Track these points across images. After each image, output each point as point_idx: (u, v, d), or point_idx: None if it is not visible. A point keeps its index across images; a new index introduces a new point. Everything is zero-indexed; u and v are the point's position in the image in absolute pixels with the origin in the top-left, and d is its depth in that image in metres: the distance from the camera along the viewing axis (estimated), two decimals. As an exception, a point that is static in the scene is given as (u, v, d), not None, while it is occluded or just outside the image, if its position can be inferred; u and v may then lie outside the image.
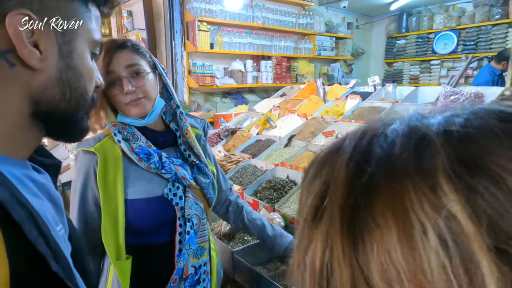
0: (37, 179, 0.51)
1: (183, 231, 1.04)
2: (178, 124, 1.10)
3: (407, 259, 0.21)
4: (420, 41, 5.65)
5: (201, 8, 4.06)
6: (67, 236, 0.57)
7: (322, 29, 5.36)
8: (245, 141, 2.77)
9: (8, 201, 0.39)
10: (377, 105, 2.62)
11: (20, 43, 0.41)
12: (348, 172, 0.26)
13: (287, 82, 5.00)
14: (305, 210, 0.30)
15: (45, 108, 0.46)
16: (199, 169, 1.12)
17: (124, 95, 0.97)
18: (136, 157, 0.99)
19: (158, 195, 1.02)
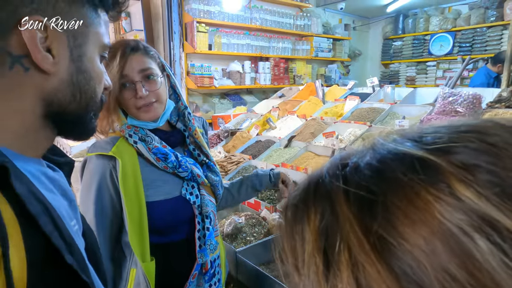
0: (51, 176, 0.52)
1: (201, 228, 1.06)
2: (186, 125, 1.11)
3: (464, 268, 0.21)
4: (416, 43, 5.70)
5: (200, 10, 4.07)
6: (81, 232, 0.58)
7: (319, 31, 5.39)
8: (245, 142, 2.78)
9: (25, 196, 0.40)
10: (376, 106, 2.65)
11: (35, 49, 0.42)
12: (351, 204, 0.26)
13: (285, 83, 5.02)
14: (305, 255, 0.28)
15: (56, 109, 0.48)
16: (208, 167, 1.14)
17: (136, 99, 0.97)
18: (154, 157, 0.99)
19: (176, 196, 1.03)
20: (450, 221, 0.22)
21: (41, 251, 0.41)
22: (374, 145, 0.29)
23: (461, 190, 0.22)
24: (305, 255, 0.28)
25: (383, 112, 2.51)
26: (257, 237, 1.76)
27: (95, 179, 0.97)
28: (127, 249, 1.02)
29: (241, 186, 1.30)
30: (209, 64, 4.29)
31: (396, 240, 0.23)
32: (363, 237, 0.24)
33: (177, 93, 1.12)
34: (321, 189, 0.29)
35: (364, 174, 0.27)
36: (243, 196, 1.33)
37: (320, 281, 0.26)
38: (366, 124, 2.41)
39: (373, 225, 0.24)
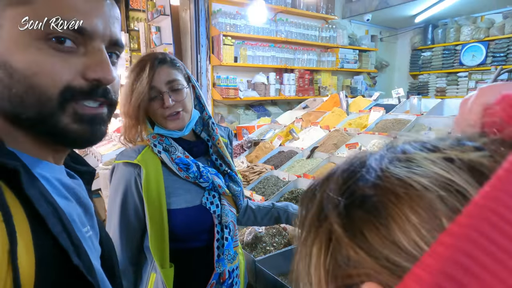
0: (67, 183, 0.55)
1: (220, 237, 1.08)
2: (210, 135, 1.15)
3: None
4: (446, 53, 5.54)
5: (226, 23, 4.19)
6: (97, 239, 0.60)
7: (345, 42, 5.38)
8: (267, 152, 2.80)
9: (35, 197, 0.42)
10: (402, 118, 2.59)
11: None
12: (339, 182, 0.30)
13: (310, 94, 5.03)
14: (308, 216, 0.32)
15: (8, 112, 0.45)
16: (230, 177, 1.17)
17: (164, 109, 1.01)
18: (176, 167, 1.03)
19: (197, 204, 1.06)
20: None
21: (49, 251, 0.43)
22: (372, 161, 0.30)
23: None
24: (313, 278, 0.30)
25: (409, 124, 2.45)
26: (277, 247, 1.75)
27: (121, 185, 1.02)
28: (149, 254, 1.05)
29: (267, 214, 1.32)
30: (235, 76, 4.39)
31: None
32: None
33: (201, 104, 1.16)
34: (321, 214, 0.30)
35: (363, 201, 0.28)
36: (265, 223, 1.36)
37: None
38: (390, 135, 2.37)
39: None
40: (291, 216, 1.31)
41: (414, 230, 0.24)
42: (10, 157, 0.43)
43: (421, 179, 0.25)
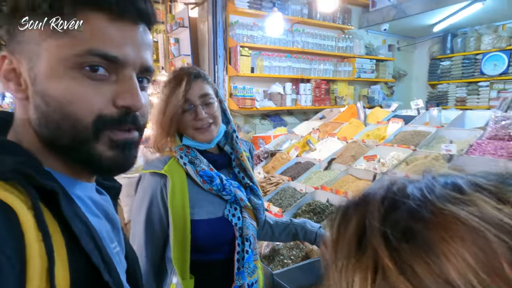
0: (97, 200, 0.57)
1: (241, 250, 1.09)
2: (233, 148, 1.17)
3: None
4: (466, 63, 5.43)
5: (243, 35, 4.25)
6: (123, 254, 0.62)
7: (362, 52, 5.36)
8: (284, 163, 2.80)
9: (71, 217, 0.45)
10: (421, 129, 2.55)
11: (3, 80, 0.46)
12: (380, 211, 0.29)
13: (326, 104, 5.01)
14: (343, 241, 0.31)
15: (46, 140, 0.48)
16: (251, 190, 1.18)
17: (196, 121, 1.05)
18: (200, 179, 1.05)
19: (219, 216, 1.08)
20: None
21: (82, 268, 0.45)
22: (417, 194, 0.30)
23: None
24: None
25: (429, 136, 2.41)
26: (295, 260, 1.74)
27: (147, 194, 1.05)
28: (169, 264, 1.07)
29: (285, 230, 1.33)
30: (251, 86, 4.42)
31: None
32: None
33: (227, 117, 1.19)
34: (362, 242, 0.30)
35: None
36: (283, 238, 1.36)
37: None
38: (410, 147, 2.34)
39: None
40: (308, 233, 1.31)
41: (470, 271, 0.24)
42: (48, 178, 0.45)
43: (480, 221, 0.25)
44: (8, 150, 0.45)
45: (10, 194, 0.40)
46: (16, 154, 0.45)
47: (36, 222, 0.40)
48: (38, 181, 0.42)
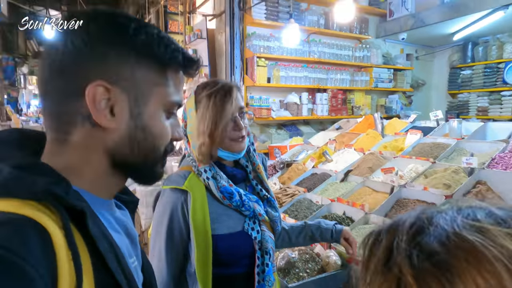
0: (117, 216, 0.60)
1: (260, 263, 1.10)
2: (250, 160, 1.19)
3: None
4: (488, 71, 5.31)
5: (260, 45, 4.30)
6: (140, 267, 0.64)
7: (379, 61, 5.32)
8: (300, 174, 2.79)
9: (97, 236, 0.47)
10: (440, 141, 2.51)
11: (94, 109, 0.49)
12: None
13: (343, 114, 4.98)
14: (373, 259, 0.35)
15: (119, 160, 0.54)
16: (268, 202, 1.19)
17: (235, 132, 1.06)
18: (221, 195, 1.07)
19: (239, 230, 1.09)
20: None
21: (106, 286, 0.47)
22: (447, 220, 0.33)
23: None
24: None
25: (449, 148, 2.36)
26: (310, 274, 1.73)
27: (167, 210, 1.06)
28: (190, 279, 1.08)
29: (301, 233, 1.33)
30: (267, 96, 4.45)
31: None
32: None
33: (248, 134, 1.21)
34: (390, 261, 0.33)
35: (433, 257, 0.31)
36: (301, 242, 1.36)
37: None
38: (429, 160, 2.29)
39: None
40: (324, 232, 1.31)
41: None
42: (77, 198, 0.48)
43: (492, 249, 0.28)
44: (39, 171, 0.47)
45: (43, 215, 0.43)
46: (48, 175, 0.47)
47: (66, 242, 0.43)
48: (67, 202, 0.45)
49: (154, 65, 0.53)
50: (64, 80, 0.49)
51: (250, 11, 4.26)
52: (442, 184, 1.98)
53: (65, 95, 0.50)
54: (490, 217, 0.32)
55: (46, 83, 0.51)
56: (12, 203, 0.42)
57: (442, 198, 1.87)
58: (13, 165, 0.45)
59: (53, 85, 0.50)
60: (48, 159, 0.51)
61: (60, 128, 0.51)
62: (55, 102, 0.51)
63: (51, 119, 0.52)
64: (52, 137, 0.52)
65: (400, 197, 2.08)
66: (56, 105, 0.51)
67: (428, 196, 1.95)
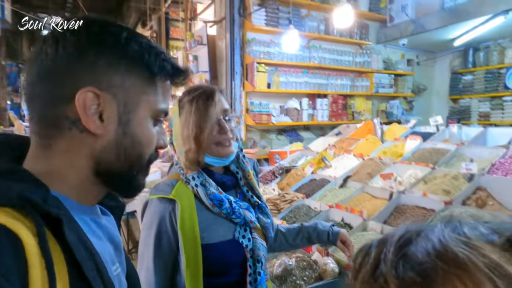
0: (100, 222, 0.59)
1: (252, 271, 1.07)
2: (240, 167, 1.17)
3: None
4: (490, 77, 5.29)
5: (260, 51, 4.31)
6: (124, 274, 0.63)
7: (380, 67, 5.32)
8: (299, 180, 2.77)
9: (74, 244, 0.46)
10: (440, 147, 2.49)
11: (83, 114, 0.49)
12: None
13: (343, 119, 4.97)
14: (363, 270, 0.36)
15: (103, 167, 0.53)
16: (260, 208, 1.16)
17: (220, 135, 1.04)
18: (210, 203, 1.04)
19: (229, 239, 1.07)
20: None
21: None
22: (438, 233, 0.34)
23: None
24: None
25: (448, 154, 2.34)
26: (307, 281, 1.71)
27: (155, 220, 1.03)
28: None
29: (298, 235, 1.31)
30: (268, 102, 4.45)
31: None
32: None
33: (236, 140, 1.19)
34: (377, 270, 0.34)
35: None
36: (298, 244, 1.34)
37: None
38: (428, 166, 2.27)
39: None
40: (321, 233, 1.29)
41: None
42: (54, 205, 0.47)
43: (476, 260, 0.29)
44: (17, 177, 0.47)
45: (16, 221, 0.42)
46: (25, 181, 0.47)
47: (40, 249, 0.42)
48: (43, 208, 0.44)
49: (144, 73, 0.54)
50: (53, 84, 0.49)
51: (250, 17, 4.28)
52: (442, 190, 1.96)
53: (53, 99, 0.50)
54: (477, 230, 0.33)
55: (33, 86, 0.51)
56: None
57: (441, 204, 1.84)
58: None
59: (41, 89, 0.50)
60: (30, 164, 0.51)
61: (45, 133, 0.51)
62: (42, 106, 0.50)
63: (37, 123, 0.51)
64: (36, 142, 0.52)
65: (399, 204, 2.06)
66: (42, 109, 0.50)
67: (427, 202, 1.93)
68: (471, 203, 1.86)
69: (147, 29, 7.50)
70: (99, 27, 0.51)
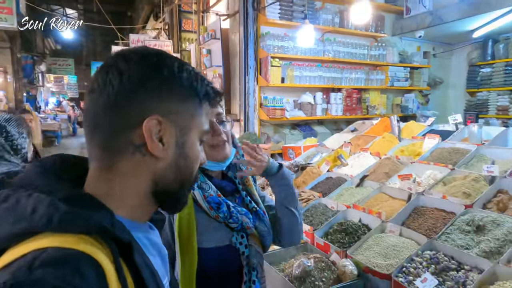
0: (152, 239, 0.62)
1: (247, 279, 1.07)
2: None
3: None
4: (509, 69, 5.15)
5: (274, 45, 4.27)
6: (168, 283, 0.66)
7: (395, 60, 5.22)
8: (315, 177, 2.78)
9: (142, 266, 0.50)
10: (460, 147, 2.45)
11: (150, 140, 0.52)
12: None
13: (358, 114, 4.93)
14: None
15: (161, 188, 0.57)
16: (257, 215, 1.15)
17: (213, 137, 1.06)
18: (207, 205, 1.05)
19: (226, 244, 1.07)
20: None
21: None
22: None
23: None
24: None
25: (468, 154, 2.31)
26: (326, 283, 1.73)
27: None
28: None
29: (276, 215, 1.21)
30: (281, 96, 4.44)
31: None
32: None
33: (234, 143, 1.19)
34: None
35: None
36: (280, 218, 1.20)
37: None
38: (447, 166, 2.25)
39: None
40: (276, 190, 1.18)
41: None
42: (122, 229, 0.50)
43: None
44: (89, 204, 0.49)
45: (96, 249, 0.45)
46: (96, 208, 0.50)
47: (117, 275, 0.46)
48: (115, 235, 0.48)
49: (194, 99, 0.58)
50: (119, 113, 0.52)
51: (264, 11, 4.23)
52: (462, 192, 1.95)
53: (119, 127, 0.53)
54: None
55: (97, 116, 0.53)
56: (67, 238, 0.44)
57: (461, 207, 1.83)
58: (63, 199, 0.47)
59: (105, 117, 0.53)
60: (91, 189, 0.54)
61: (107, 157, 0.54)
62: (107, 134, 0.53)
63: (99, 149, 0.54)
64: (97, 166, 0.55)
65: (417, 205, 2.05)
66: (107, 136, 0.53)
67: (447, 204, 1.92)
68: (492, 207, 1.84)
69: (159, 21, 7.50)
70: (157, 58, 0.55)
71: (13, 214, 0.45)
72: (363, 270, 1.72)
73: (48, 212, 0.44)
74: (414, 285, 1.49)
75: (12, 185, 0.51)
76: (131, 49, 0.56)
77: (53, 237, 0.44)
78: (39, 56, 11.47)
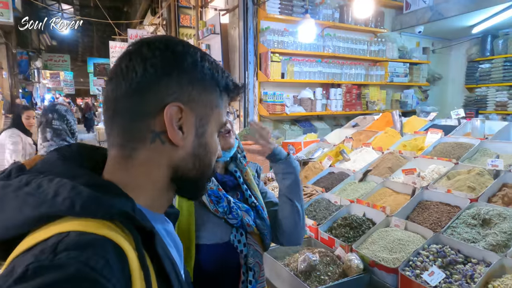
0: (169, 230, 0.61)
1: (245, 279, 1.05)
2: (239, 167, 1.17)
3: None
4: (508, 65, 5.17)
5: (274, 40, 4.25)
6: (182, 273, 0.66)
7: (395, 55, 5.22)
8: (317, 173, 2.77)
9: (163, 256, 0.50)
10: (463, 141, 2.44)
11: (170, 127, 0.52)
12: None
13: (357, 109, 4.92)
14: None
15: (180, 175, 0.57)
16: (257, 211, 1.14)
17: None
18: (208, 199, 1.03)
19: (225, 241, 1.05)
20: None
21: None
22: None
23: None
24: None
25: (472, 149, 2.30)
26: (332, 277, 1.72)
27: None
28: None
29: (282, 208, 1.20)
30: (281, 92, 4.42)
31: None
32: None
33: (236, 138, 1.19)
34: None
35: None
36: (282, 210, 1.20)
37: None
38: (451, 161, 2.24)
39: None
40: (280, 183, 1.19)
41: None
42: (143, 218, 0.49)
43: None
44: (112, 191, 0.49)
45: (119, 235, 0.45)
46: (119, 195, 0.49)
47: (139, 263, 0.45)
48: (139, 222, 0.47)
49: (214, 89, 0.58)
50: (141, 100, 0.52)
51: (264, 6, 4.20)
52: (466, 186, 1.94)
53: (140, 113, 0.52)
54: None
55: (117, 102, 0.52)
56: (89, 223, 0.44)
57: (466, 201, 1.83)
58: (86, 184, 0.46)
59: (126, 104, 0.52)
60: (110, 176, 0.53)
61: (127, 145, 0.53)
62: (127, 120, 0.52)
63: (119, 136, 0.53)
64: (116, 154, 0.54)
65: (422, 199, 2.04)
66: (127, 123, 0.52)
67: (451, 199, 1.91)
68: (497, 200, 1.84)
69: (157, 16, 7.43)
70: (182, 47, 0.55)
71: (35, 198, 0.44)
72: (369, 264, 1.71)
73: (70, 196, 0.43)
74: (421, 278, 1.49)
75: (31, 172, 0.49)
76: (155, 36, 0.56)
77: (75, 221, 0.43)
78: (34, 52, 11.35)
